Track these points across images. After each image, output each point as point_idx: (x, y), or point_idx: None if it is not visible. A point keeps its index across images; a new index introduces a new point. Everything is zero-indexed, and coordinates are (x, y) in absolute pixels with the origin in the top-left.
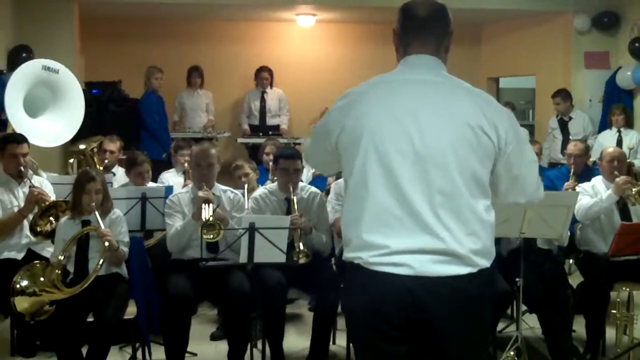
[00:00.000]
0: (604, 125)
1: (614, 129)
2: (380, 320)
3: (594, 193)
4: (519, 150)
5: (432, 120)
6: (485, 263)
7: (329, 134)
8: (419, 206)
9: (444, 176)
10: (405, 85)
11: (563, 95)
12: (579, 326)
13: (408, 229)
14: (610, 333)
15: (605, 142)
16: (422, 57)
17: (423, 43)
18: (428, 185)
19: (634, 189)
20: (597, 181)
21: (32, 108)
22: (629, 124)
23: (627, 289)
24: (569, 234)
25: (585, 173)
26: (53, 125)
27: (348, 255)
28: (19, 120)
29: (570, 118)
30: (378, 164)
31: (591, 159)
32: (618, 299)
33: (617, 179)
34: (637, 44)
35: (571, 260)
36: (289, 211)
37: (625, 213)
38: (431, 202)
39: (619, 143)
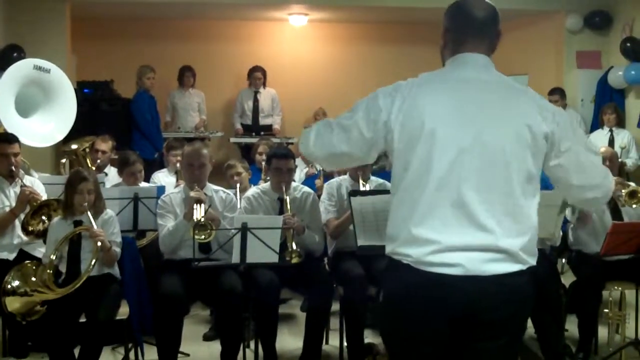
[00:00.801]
0: (596, 124)
1: (606, 129)
2: (425, 319)
3: None
4: (577, 143)
5: (492, 118)
6: (533, 261)
7: (373, 129)
8: (474, 202)
9: (501, 174)
10: (464, 83)
11: (560, 93)
12: (572, 325)
13: (461, 225)
14: (602, 332)
15: (597, 141)
16: (477, 56)
17: (479, 44)
18: (485, 183)
19: (624, 190)
20: None
21: (24, 108)
22: (621, 123)
23: (619, 288)
24: (561, 233)
25: None
26: (45, 125)
27: (397, 250)
28: (10, 120)
29: None
30: (439, 159)
31: None
32: (610, 298)
33: None
34: (628, 44)
35: (564, 260)
36: (281, 211)
37: (616, 213)
38: (486, 199)
39: (611, 142)
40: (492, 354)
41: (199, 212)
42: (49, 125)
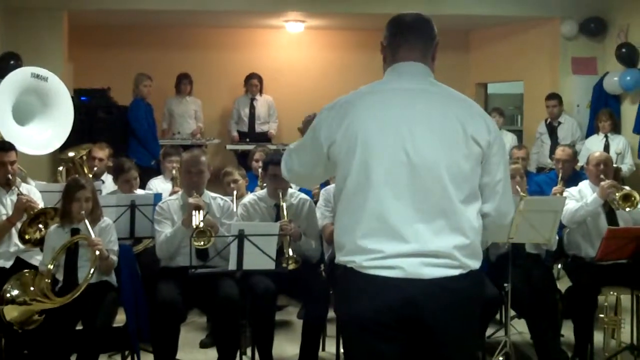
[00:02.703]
0: (592, 130)
1: (601, 134)
2: (375, 321)
3: (580, 197)
4: (502, 159)
5: (424, 128)
6: (475, 265)
7: (320, 145)
8: (412, 213)
9: (437, 183)
10: (396, 94)
11: (558, 98)
12: (567, 331)
13: (401, 235)
14: (598, 337)
15: (593, 147)
16: (411, 65)
17: (411, 48)
18: (421, 193)
19: (618, 194)
20: (584, 185)
21: (21, 116)
22: (616, 129)
23: (615, 294)
24: (557, 238)
25: (573, 178)
26: (42, 133)
27: (341, 259)
28: (7, 128)
29: (559, 123)
30: (372, 173)
31: (579, 164)
32: (606, 304)
33: (602, 183)
34: (623, 50)
35: (559, 265)
36: (278, 217)
37: (612, 217)
38: (424, 209)
39: (606, 148)
40: None
41: (197, 219)
42: (46, 133)
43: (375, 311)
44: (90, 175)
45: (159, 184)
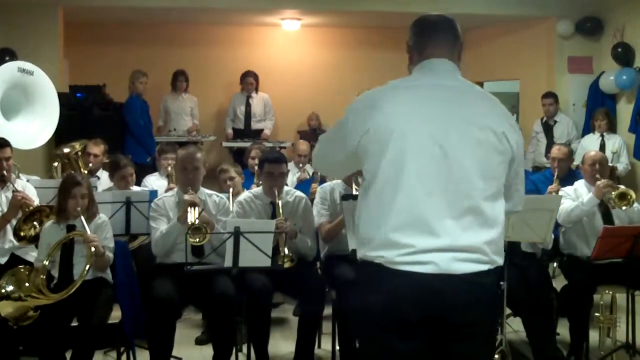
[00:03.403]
0: (588, 129)
1: (597, 133)
2: (398, 318)
3: (575, 196)
4: (521, 159)
5: (458, 124)
6: (500, 260)
7: (349, 136)
8: (444, 208)
9: (469, 179)
10: (429, 90)
11: (554, 97)
12: (563, 329)
13: (432, 229)
14: (593, 336)
15: (589, 146)
16: (440, 61)
17: (439, 46)
18: (453, 188)
19: (614, 192)
20: (579, 185)
21: (7, 110)
22: (612, 128)
23: (610, 292)
24: (553, 237)
25: (569, 177)
26: (27, 128)
27: (369, 253)
28: None
29: (555, 122)
30: (405, 167)
31: (574, 163)
32: (601, 302)
33: (598, 182)
34: (619, 49)
35: (555, 264)
36: (274, 215)
37: (607, 216)
38: (455, 204)
39: (602, 147)
40: (466, 357)
41: (193, 215)
42: (31, 128)
43: (400, 308)
44: (86, 172)
45: (155, 181)
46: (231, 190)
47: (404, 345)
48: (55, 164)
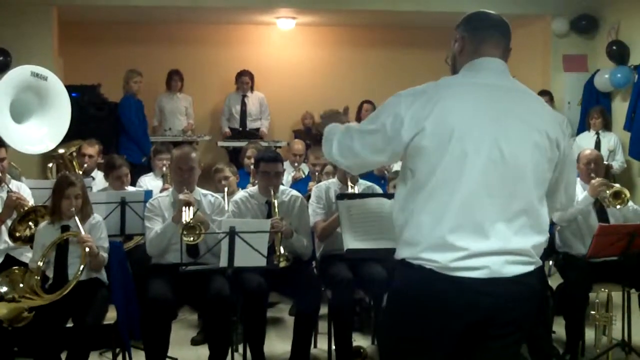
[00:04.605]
0: (583, 127)
1: (593, 132)
2: (442, 326)
3: None
4: (572, 158)
5: (516, 127)
6: (540, 260)
7: (402, 131)
8: (499, 211)
9: (523, 183)
10: (486, 89)
11: (548, 95)
12: (559, 327)
13: (485, 232)
14: (589, 334)
15: (584, 144)
16: (495, 62)
17: (496, 45)
18: (509, 191)
19: (608, 191)
20: None
21: (18, 113)
22: (607, 126)
23: (606, 290)
24: (548, 235)
25: None
26: (38, 132)
27: (419, 255)
28: (3, 125)
29: None
30: (466, 168)
31: None
32: (597, 300)
33: (593, 181)
34: (614, 47)
35: (551, 262)
36: (269, 214)
37: (602, 215)
38: (509, 206)
39: (598, 145)
40: (502, 351)
41: (187, 215)
42: (41, 132)
43: (449, 316)
44: (80, 172)
45: (150, 181)
46: (226, 189)
47: (440, 356)
48: (50, 164)
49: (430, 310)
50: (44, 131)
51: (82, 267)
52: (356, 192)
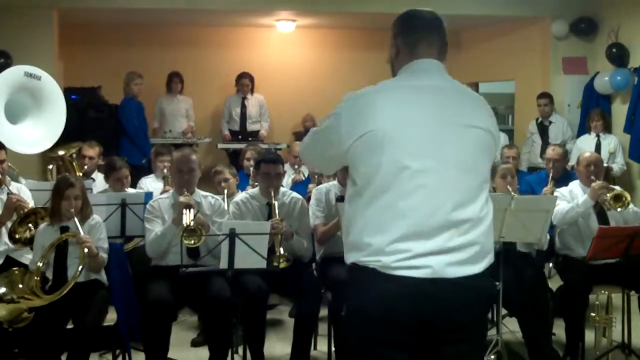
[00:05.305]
0: (582, 130)
1: (593, 134)
2: (390, 323)
3: (571, 198)
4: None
5: (452, 126)
6: (490, 260)
7: (342, 138)
8: (439, 210)
9: (463, 181)
10: (421, 92)
11: (549, 97)
12: (559, 329)
13: (428, 233)
14: (589, 336)
15: (584, 146)
16: (431, 62)
17: (430, 45)
18: (448, 190)
19: (609, 194)
20: (575, 186)
21: (13, 114)
22: (608, 128)
23: (606, 292)
24: (548, 238)
25: (564, 178)
26: (33, 132)
27: (363, 259)
28: None
29: (550, 122)
30: (402, 171)
31: (569, 164)
32: (597, 302)
33: (593, 184)
34: (614, 50)
35: (551, 264)
36: (270, 216)
37: (602, 217)
38: (449, 205)
39: (598, 148)
40: (458, 358)
41: (188, 217)
42: (37, 132)
43: (395, 313)
44: (81, 174)
45: (151, 183)
46: (226, 191)
47: (399, 354)
48: (50, 166)
49: (381, 309)
50: (40, 132)
51: (80, 267)
52: None
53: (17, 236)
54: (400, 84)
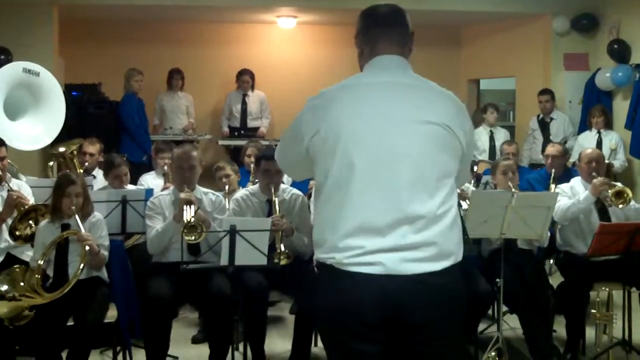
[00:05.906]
0: (584, 126)
1: (594, 130)
2: (354, 319)
3: (572, 194)
4: (471, 150)
5: (409, 122)
6: (454, 261)
7: (302, 137)
8: (392, 207)
9: (419, 179)
10: (379, 88)
11: (550, 94)
12: (559, 326)
13: (380, 230)
14: (590, 333)
15: (586, 143)
16: (392, 58)
17: (390, 41)
18: (401, 188)
19: (610, 190)
20: (576, 182)
21: (12, 110)
22: (609, 125)
23: (607, 289)
24: (549, 234)
25: (565, 175)
26: (33, 128)
27: (321, 256)
28: None
29: (551, 119)
30: (355, 168)
31: (571, 160)
32: (598, 299)
33: (594, 180)
34: (615, 46)
35: (551, 261)
36: (270, 212)
37: (603, 213)
38: (403, 203)
39: (599, 144)
40: (430, 358)
41: (188, 214)
42: (37, 129)
43: (356, 309)
44: (81, 171)
45: (151, 180)
46: (227, 188)
47: (365, 346)
48: (51, 163)
49: (339, 303)
50: (39, 128)
51: (82, 265)
52: None
53: (17, 233)
54: (361, 80)
